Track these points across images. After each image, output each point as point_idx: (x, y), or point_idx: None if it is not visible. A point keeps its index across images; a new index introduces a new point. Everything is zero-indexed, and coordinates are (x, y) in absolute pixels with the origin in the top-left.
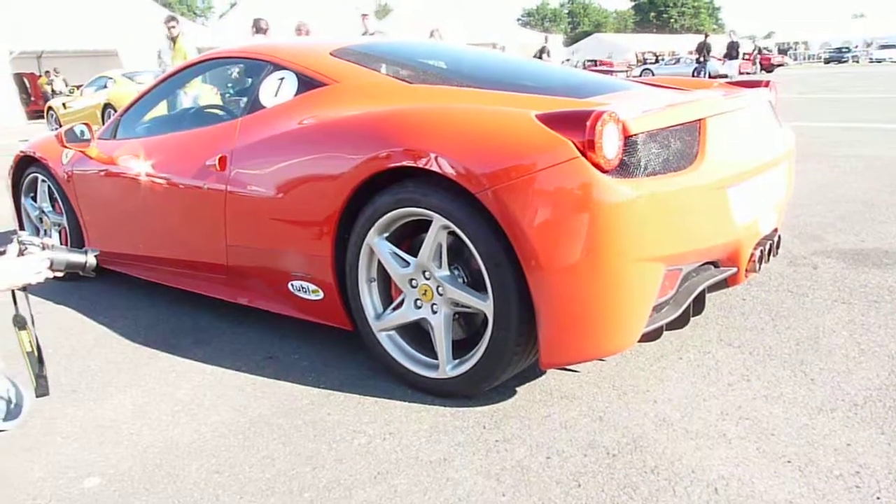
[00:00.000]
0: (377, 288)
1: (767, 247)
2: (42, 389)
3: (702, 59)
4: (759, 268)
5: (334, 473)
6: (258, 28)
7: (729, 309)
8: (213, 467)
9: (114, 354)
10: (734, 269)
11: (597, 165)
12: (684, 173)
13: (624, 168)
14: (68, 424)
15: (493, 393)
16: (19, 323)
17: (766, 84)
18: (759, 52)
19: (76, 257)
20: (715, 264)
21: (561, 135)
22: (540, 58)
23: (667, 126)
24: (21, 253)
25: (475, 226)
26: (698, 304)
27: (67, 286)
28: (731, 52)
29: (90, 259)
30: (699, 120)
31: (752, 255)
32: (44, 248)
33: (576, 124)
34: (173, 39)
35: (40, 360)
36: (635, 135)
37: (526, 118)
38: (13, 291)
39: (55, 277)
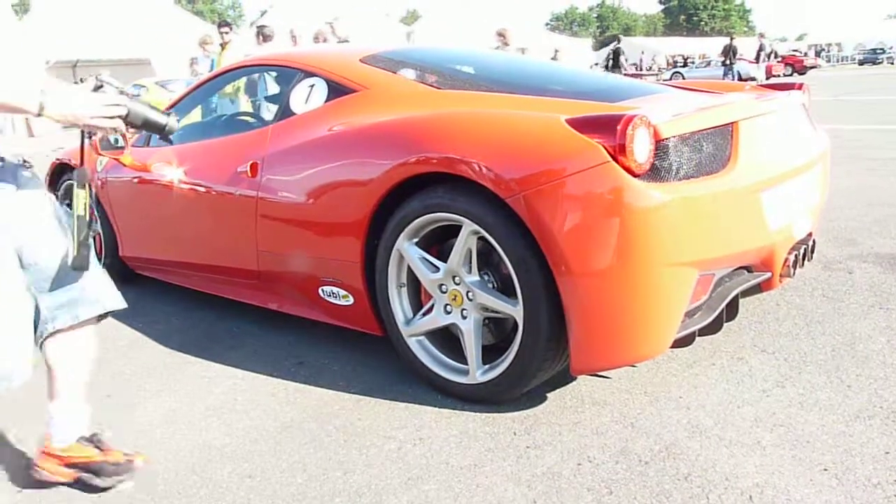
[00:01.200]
0: (407, 293)
1: (802, 251)
2: (80, 261)
3: (728, 61)
4: (794, 272)
5: (365, 479)
6: (263, 36)
7: (763, 314)
8: (246, 472)
9: (147, 359)
10: (768, 274)
11: (628, 170)
12: (717, 177)
13: (655, 172)
14: None
15: (523, 398)
16: (82, 179)
17: (799, 86)
18: (775, 54)
19: (156, 116)
20: (748, 269)
21: (591, 139)
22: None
23: (699, 129)
24: (97, 89)
25: (505, 231)
26: (731, 310)
27: None
28: (760, 54)
29: (171, 122)
30: (732, 123)
31: (786, 259)
32: (123, 94)
33: (606, 128)
34: (223, 45)
35: (89, 226)
36: (667, 139)
37: (556, 123)
38: (82, 139)
39: (124, 135)
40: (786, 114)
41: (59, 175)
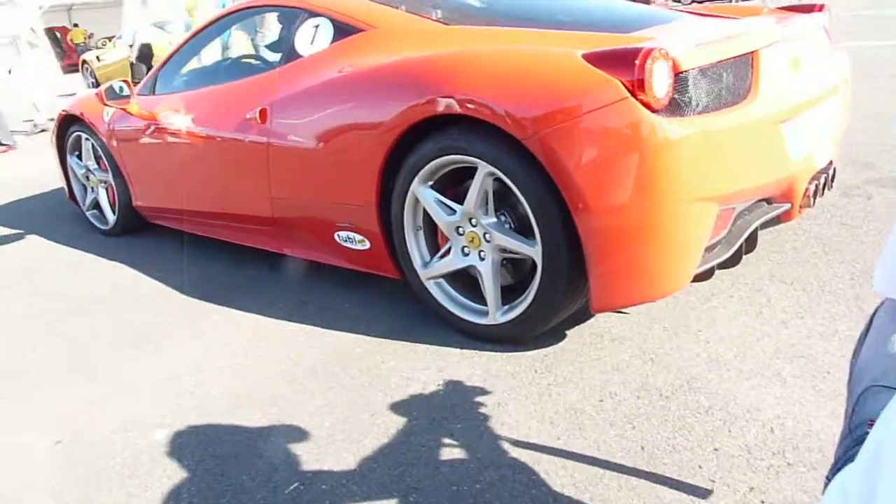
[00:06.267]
0: (423, 236)
1: (822, 180)
2: None
3: None
4: (814, 202)
5: (392, 420)
6: None
7: (780, 244)
8: (274, 417)
9: (169, 308)
10: (788, 205)
11: (646, 105)
12: (737, 109)
13: (674, 106)
14: (133, 378)
15: (543, 337)
16: None
17: (820, 7)
18: None
19: None
20: (768, 201)
21: (609, 75)
22: None
23: (718, 61)
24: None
25: (522, 172)
26: (750, 242)
27: (119, 242)
28: None
29: None
30: (752, 52)
31: (806, 189)
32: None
33: (624, 63)
34: None
35: None
36: (686, 71)
37: (572, 58)
38: None
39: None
40: (807, 39)
41: (67, 126)
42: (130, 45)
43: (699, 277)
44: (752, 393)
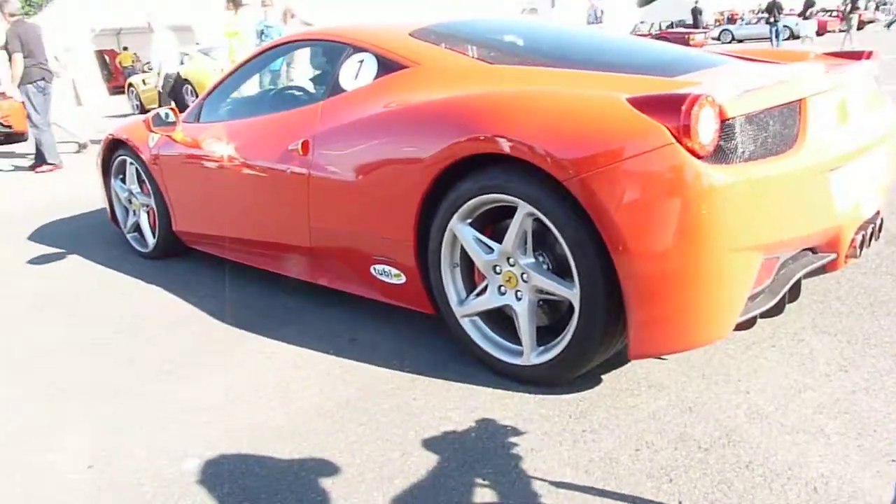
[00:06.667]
0: (460, 273)
1: (869, 231)
2: None
3: (772, 19)
4: (861, 253)
5: (423, 460)
6: (233, 2)
7: (824, 293)
8: (305, 451)
9: (204, 334)
10: (833, 256)
11: (692, 151)
12: (784, 158)
13: (720, 153)
14: (166, 405)
15: (578, 381)
16: None
17: (869, 55)
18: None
19: None
20: (813, 250)
21: (654, 120)
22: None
23: (766, 108)
24: None
25: (562, 213)
26: (793, 291)
27: (157, 266)
28: (807, 10)
29: None
30: (800, 100)
31: (853, 240)
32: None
33: (670, 108)
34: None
35: None
36: (732, 118)
37: (617, 102)
38: None
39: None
40: (856, 87)
41: (113, 150)
42: (157, 74)
43: (741, 326)
44: (794, 449)
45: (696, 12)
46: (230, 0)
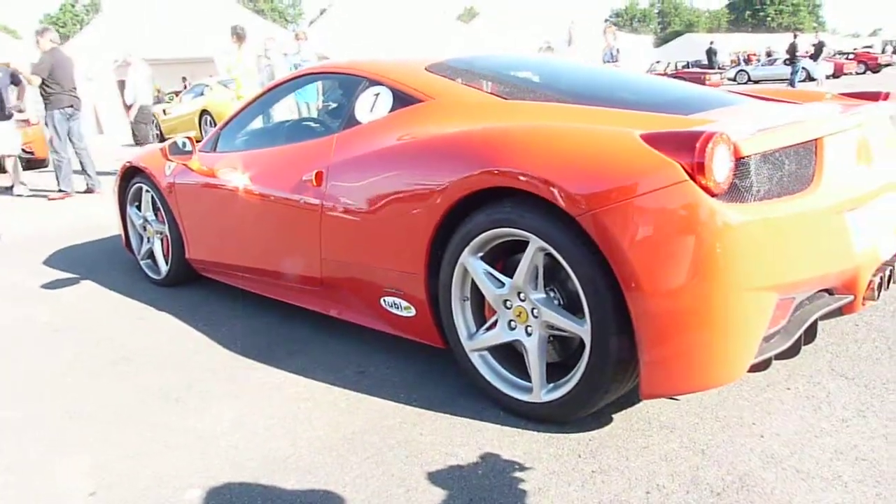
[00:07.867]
0: (470, 307)
1: (888, 273)
2: None
3: (792, 60)
4: (878, 296)
5: (427, 497)
6: (237, 36)
7: (840, 336)
8: (310, 484)
9: (213, 363)
10: (851, 297)
11: (706, 189)
12: (799, 197)
13: (734, 192)
14: (170, 433)
15: (588, 419)
16: None
17: (886, 96)
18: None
19: None
20: (830, 292)
21: (668, 157)
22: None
23: (781, 147)
24: None
25: (574, 249)
26: (810, 333)
27: (169, 293)
28: (818, 53)
29: None
30: (816, 139)
31: (870, 282)
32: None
33: (684, 146)
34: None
35: None
36: (747, 157)
37: (630, 138)
38: None
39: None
40: (873, 128)
41: (130, 178)
42: (129, 106)
43: (755, 368)
44: (809, 496)
45: (710, 52)
46: (235, 34)
